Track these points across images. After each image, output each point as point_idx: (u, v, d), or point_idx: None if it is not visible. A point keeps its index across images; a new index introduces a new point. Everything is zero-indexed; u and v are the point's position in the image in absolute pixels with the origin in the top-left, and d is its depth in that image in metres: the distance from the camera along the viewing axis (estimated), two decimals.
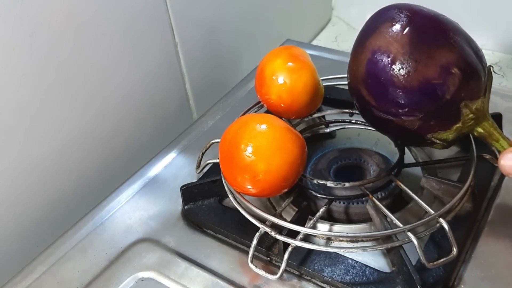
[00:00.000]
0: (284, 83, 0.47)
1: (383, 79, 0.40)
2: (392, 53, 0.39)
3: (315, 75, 0.48)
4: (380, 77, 0.40)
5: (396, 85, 0.39)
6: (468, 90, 0.39)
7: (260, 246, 0.43)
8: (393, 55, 0.39)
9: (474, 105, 0.40)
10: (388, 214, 0.41)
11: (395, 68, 0.39)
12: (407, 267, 0.39)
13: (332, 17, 0.98)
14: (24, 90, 0.47)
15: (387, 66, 0.39)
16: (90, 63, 0.53)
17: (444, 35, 0.40)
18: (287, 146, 0.40)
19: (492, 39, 0.81)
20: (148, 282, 0.43)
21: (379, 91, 0.40)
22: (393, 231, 0.39)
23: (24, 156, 0.49)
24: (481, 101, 0.40)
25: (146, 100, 0.62)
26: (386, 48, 0.39)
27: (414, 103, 0.39)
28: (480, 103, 0.40)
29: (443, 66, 0.38)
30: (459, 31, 0.41)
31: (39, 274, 0.44)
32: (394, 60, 0.39)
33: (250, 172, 0.40)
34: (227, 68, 0.74)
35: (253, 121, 0.42)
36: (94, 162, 0.57)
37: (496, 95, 0.59)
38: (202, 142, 0.53)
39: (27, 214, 0.51)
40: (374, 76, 0.40)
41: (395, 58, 0.39)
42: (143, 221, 0.49)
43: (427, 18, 0.41)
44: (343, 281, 0.40)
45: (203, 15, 0.66)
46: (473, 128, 0.41)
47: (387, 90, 0.40)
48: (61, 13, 0.48)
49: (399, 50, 0.39)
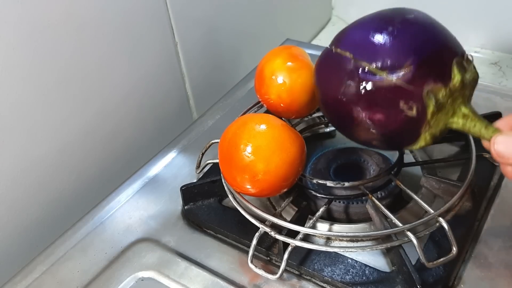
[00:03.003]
0: (283, 83, 0.47)
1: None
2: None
3: None
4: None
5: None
6: (425, 76, 0.37)
7: (260, 246, 0.43)
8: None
9: (438, 94, 0.37)
10: (387, 213, 0.41)
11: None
12: (407, 267, 0.39)
13: (332, 16, 0.98)
14: (24, 90, 0.47)
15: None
16: (90, 63, 0.53)
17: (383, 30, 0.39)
18: (286, 146, 0.40)
19: (492, 38, 0.81)
20: (148, 281, 0.43)
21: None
22: (393, 230, 0.39)
23: (24, 156, 0.49)
24: (443, 89, 0.37)
25: (146, 100, 0.62)
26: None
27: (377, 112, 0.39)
28: (443, 91, 0.37)
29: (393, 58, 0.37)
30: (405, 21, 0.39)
31: (39, 274, 0.44)
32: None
33: (249, 172, 0.40)
34: (227, 67, 0.74)
35: (252, 121, 0.42)
36: (94, 162, 0.57)
37: (496, 95, 0.59)
38: (202, 142, 0.53)
39: (27, 214, 0.51)
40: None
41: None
42: (143, 221, 0.49)
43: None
44: (343, 280, 0.40)
45: (203, 15, 0.66)
46: (446, 122, 0.39)
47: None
48: (61, 13, 0.48)
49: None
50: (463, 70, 0.38)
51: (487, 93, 0.59)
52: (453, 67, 0.38)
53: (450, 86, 0.37)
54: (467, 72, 0.38)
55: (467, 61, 0.39)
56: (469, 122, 0.38)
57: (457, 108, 0.39)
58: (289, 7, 0.85)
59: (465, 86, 0.38)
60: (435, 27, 0.39)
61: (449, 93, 0.38)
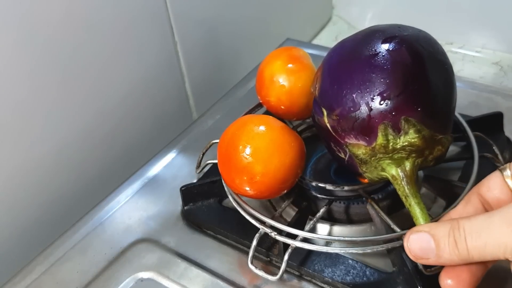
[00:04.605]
0: (283, 86, 0.47)
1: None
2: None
3: None
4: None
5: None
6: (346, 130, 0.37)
7: (260, 247, 0.43)
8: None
9: (357, 150, 0.37)
10: (386, 220, 0.41)
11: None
12: (408, 268, 0.38)
13: (333, 16, 0.98)
14: (23, 90, 0.47)
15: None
16: (90, 63, 0.53)
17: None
18: (285, 148, 0.40)
19: (493, 38, 0.80)
20: (148, 282, 0.43)
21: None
22: (392, 235, 0.39)
23: (23, 156, 0.49)
24: (364, 148, 0.37)
25: (146, 100, 0.61)
26: None
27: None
28: (363, 149, 0.37)
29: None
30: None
31: (38, 275, 0.44)
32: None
33: (248, 173, 0.40)
34: (227, 67, 0.74)
35: (251, 123, 0.42)
36: (94, 162, 0.57)
37: (497, 95, 0.59)
38: (202, 142, 0.53)
39: (26, 214, 0.51)
40: None
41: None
42: (143, 221, 0.49)
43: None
44: (343, 281, 0.40)
45: (203, 14, 0.65)
46: (378, 174, 0.38)
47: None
48: (61, 13, 0.48)
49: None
50: (394, 135, 0.36)
51: (488, 93, 0.59)
52: (378, 130, 0.36)
53: (372, 146, 0.37)
54: (398, 137, 0.36)
55: (405, 124, 0.35)
56: (396, 184, 0.37)
57: (385, 167, 0.37)
58: (289, 6, 0.85)
59: (394, 150, 0.36)
60: (381, 79, 0.36)
61: (370, 153, 0.37)
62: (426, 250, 0.31)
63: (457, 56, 0.79)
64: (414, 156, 0.36)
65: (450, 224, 0.30)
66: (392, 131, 0.36)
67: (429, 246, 0.31)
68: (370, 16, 0.90)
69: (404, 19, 0.44)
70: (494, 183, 0.33)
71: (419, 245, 0.31)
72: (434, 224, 0.32)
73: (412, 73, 0.36)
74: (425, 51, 0.37)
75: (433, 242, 0.30)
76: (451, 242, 0.30)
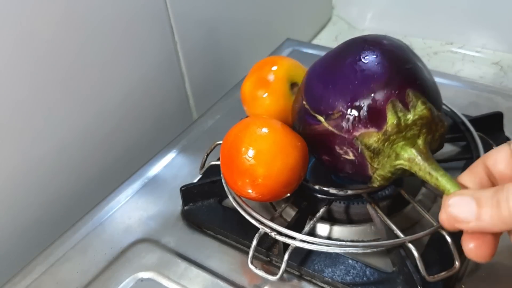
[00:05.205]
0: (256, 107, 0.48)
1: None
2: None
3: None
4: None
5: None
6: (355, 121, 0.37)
7: (260, 247, 0.43)
8: None
9: (369, 140, 0.37)
10: (389, 223, 0.41)
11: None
12: (408, 267, 0.38)
13: (333, 16, 0.98)
14: (23, 90, 0.47)
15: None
16: (90, 63, 0.53)
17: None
18: (288, 150, 0.40)
19: (493, 38, 0.80)
20: (148, 282, 0.43)
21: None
22: (394, 242, 0.39)
23: (23, 156, 0.49)
24: (376, 134, 0.36)
25: (146, 100, 0.61)
26: None
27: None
28: (375, 136, 0.36)
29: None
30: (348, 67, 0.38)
31: (38, 275, 0.44)
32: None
33: (250, 176, 0.40)
34: (227, 67, 0.73)
35: (254, 124, 0.42)
36: (94, 162, 0.57)
37: (498, 95, 0.59)
38: (202, 142, 0.53)
39: (26, 214, 0.51)
40: None
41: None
42: (143, 221, 0.49)
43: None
44: (343, 281, 0.40)
45: (203, 14, 0.65)
46: (391, 164, 0.38)
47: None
48: (60, 13, 0.48)
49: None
50: (404, 110, 0.36)
51: (488, 93, 0.59)
52: (387, 110, 0.36)
53: (384, 130, 0.36)
54: (408, 112, 0.36)
55: (412, 98, 0.36)
56: (415, 166, 0.37)
57: (400, 151, 0.37)
58: (289, 6, 0.85)
59: (406, 127, 0.36)
60: (375, 66, 0.37)
61: (383, 138, 0.36)
62: (467, 213, 0.30)
63: (457, 56, 0.79)
64: (424, 132, 0.37)
65: (493, 188, 0.30)
66: (401, 107, 0.36)
67: (470, 209, 0.30)
68: (370, 16, 0.90)
69: (404, 19, 0.44)
70: (501, 156, 0.32)
71: (460, 208, 0.30)
72: (475, 189, 0.32)
73: (403, 56, 0.38)
74: (404, 45, 0.40)
75: (475, 204, 0.30)
76: (494, 204, 0.29)
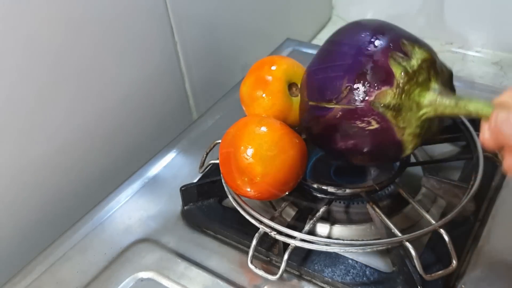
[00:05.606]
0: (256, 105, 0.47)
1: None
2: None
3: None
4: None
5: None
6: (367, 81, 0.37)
7: (260, 247, 0.43)
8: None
9: (386, 98, 0.37)
10: (387, 222, 0.41)
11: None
12: (408, 267, 0.38)
13: (333, 16, 0.98)
14: (23, 90, 0.47)
15: None
16: (90, 62, 0.53)
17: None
18: (286, 149, 0.40)
19: (493, 38, 0.80)
20: (148, 282, 0.43)
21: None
22: (391, 240, 0.39)
23: (23, 156, 0.49)
24: (390, 91, 0.37)
25: (146, 100, 0.61)
26: None
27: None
28: (390, 93, 0.37)
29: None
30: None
31: (38, 274, 0.44)
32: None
33: (248, 174, 0.40)
34: (227, 67, 0.73)
35: (253, 123, 0.42)
36: (94, 162, 0.57)
37: (497, 95, 0.58)
38: (202, 142, 0.53)
39: (26, 214, 0.51)
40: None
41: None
42: (143, 221, 0.49)
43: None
44: (343, 281, 0.40)
45: (203, 14, 0.65)
46: (417, 117, 0.38)
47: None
48: (60, 13, 0.48)
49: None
50: (406, 58, 0.37)
51: (489, 93, 0.59)
52: (390, 64, 0.37)
53: (396, 83, 0.37)
54: (410, 58, 0.37)
55: (407, 45, 0.38)
56: (439, 106, 0.37)
57: (419, 99, 0.37)
58: (289, 6, 0.85)
59: (415, 73, 0.37)
60: (360, 37, 0.39)
61: (398, 91, 0.37)
62: None
63: (457, 56, 0.79)
64: (434, 74, 0.38)
65: None
66: (402, 55, 0.37)
67: None
68: (370, 16, 0.90)
69: (404, 19, 0.44)
70: None
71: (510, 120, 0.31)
72: None
73: (385, 23, 0.41)
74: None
75: None
76: None
